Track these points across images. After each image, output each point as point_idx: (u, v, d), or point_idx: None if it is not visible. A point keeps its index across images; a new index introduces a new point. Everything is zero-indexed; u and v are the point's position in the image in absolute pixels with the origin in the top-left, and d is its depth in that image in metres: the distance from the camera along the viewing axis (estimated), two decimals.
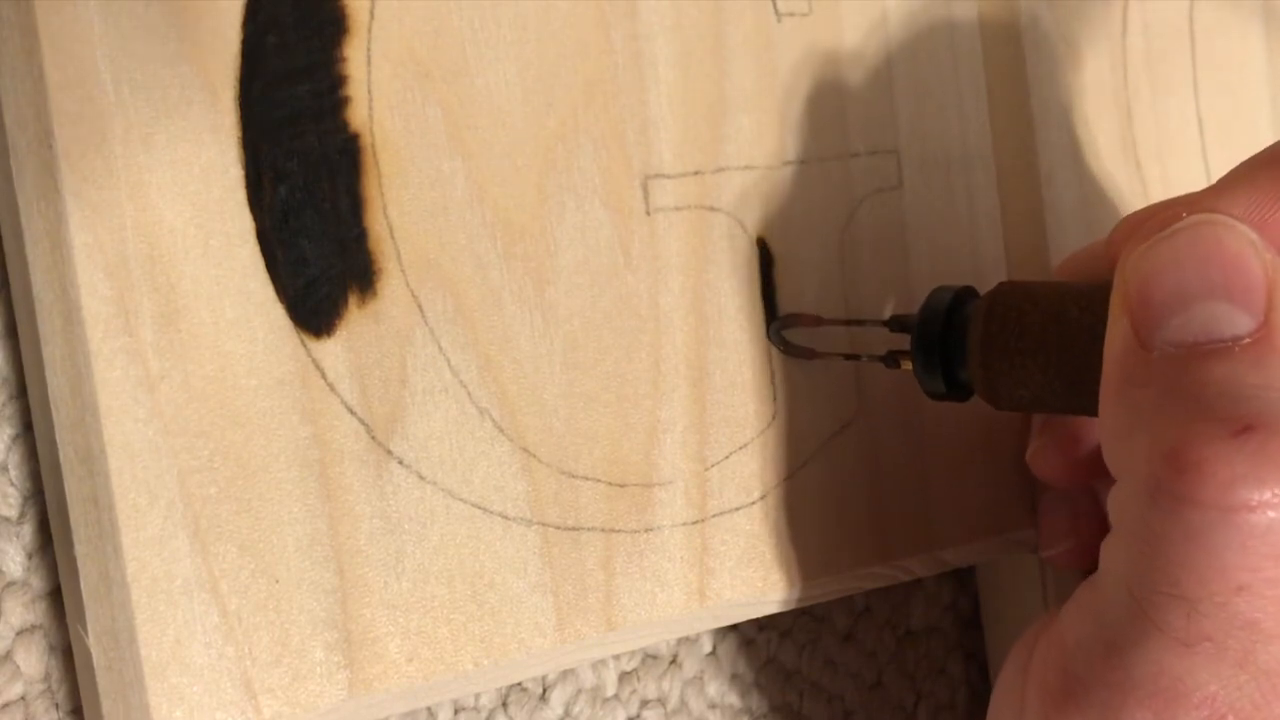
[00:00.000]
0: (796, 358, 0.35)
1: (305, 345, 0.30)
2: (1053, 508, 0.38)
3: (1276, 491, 0.26)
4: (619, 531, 0.33)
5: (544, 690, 0.36)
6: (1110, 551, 0.30)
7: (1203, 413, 0.27)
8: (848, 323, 0.36)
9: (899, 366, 0.35)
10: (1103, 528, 0.37)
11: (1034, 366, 0.32)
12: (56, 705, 0.31)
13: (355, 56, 0.31)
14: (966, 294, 0.34)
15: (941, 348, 0.34)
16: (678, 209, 0.34)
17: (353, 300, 0.31)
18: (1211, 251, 0.29)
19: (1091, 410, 0.31)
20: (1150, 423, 0.28)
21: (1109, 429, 0.29)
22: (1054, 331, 0.32)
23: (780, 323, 0.35)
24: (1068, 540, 0.38)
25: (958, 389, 0.34)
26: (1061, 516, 0.37)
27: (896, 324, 0.35)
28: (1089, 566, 0.38)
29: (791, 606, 0.36)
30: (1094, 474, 0.36)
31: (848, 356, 0.36)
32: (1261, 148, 0.34)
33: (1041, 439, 0.36)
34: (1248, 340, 0.28)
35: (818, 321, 0.36)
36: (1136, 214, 0.33)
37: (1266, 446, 0.27)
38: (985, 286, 0.39)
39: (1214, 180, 0.43)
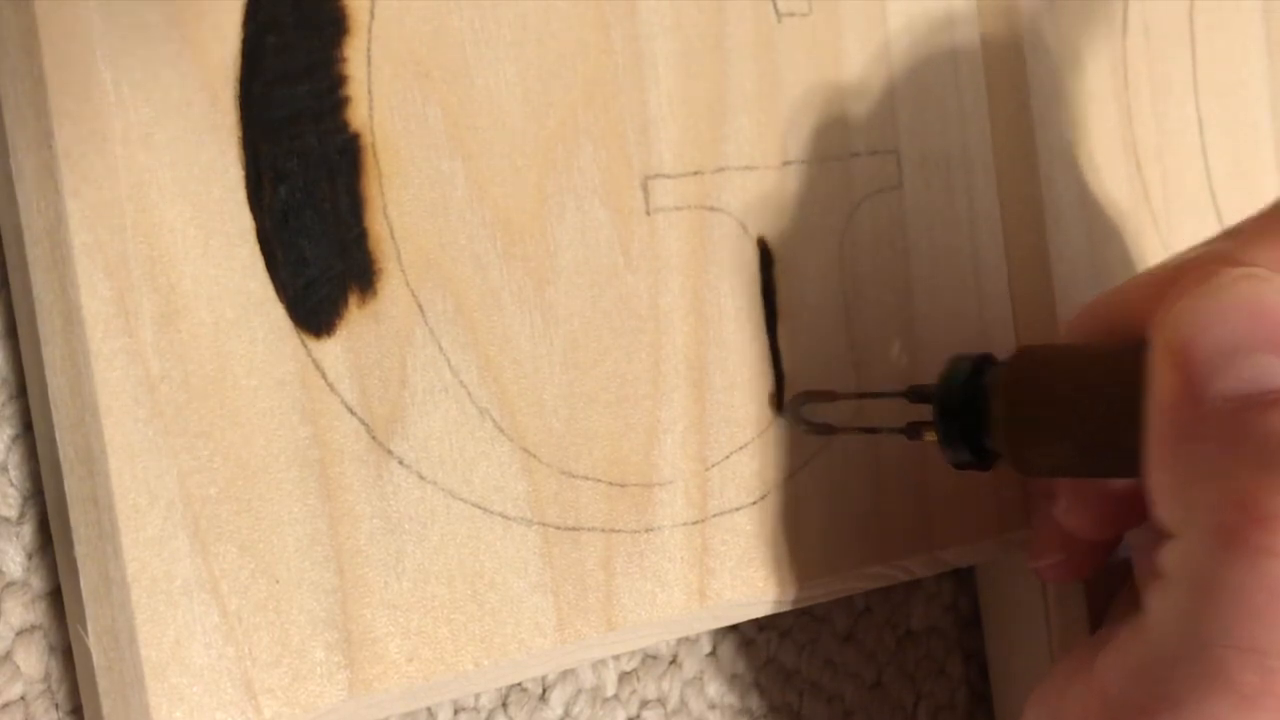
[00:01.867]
0: (815, 434, 0.35)
1: (305, 345, 0.30)
2: (1044, 520, 0.38)
3: None
4: (619, 531, 0.33)
5: (544, 690, 0.36)
6: (1163, 603, 0.29)
7: (1269, 463, 0.27)
8: (863, 396, 0.36)
9: (921, 438, 0.35)
10: (1093, 545, 0.37)
11: (1061, 434, 0.32)
12: (56, 705, 0.30)
13: (355, 56, 0.31)
14: (984, 361, 0.34)
15: (964, 419, 0.33)
16: (678, 209, 0.34)
17: (353, 300, 0.31)
18: (1256, 306, 0.28)
19: (1122, 471, 0.31)
20: (1214, 475, 0.28)
21: (1162, 484, 0.29)
22: (1081, 398, 0.32)
23: (797, 399, 0.35)
24: (1057, 554, 0.37)
25: (983, 457, 0.34)
26: (1052, 529, 0.37)
27: (915, 395, 0.35)
28: (1075, 579, 0.38)
29: (791, 606, 0.36)
30: (1124, 525, 0.35)
31: (867, 430, 0.35)
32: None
33: (1068, 498, 0.36)
34: None
35: (833, 397, 0.36)
36: (1158, 271, 0.33)
37: None
38: (985, 286, 0.39)
39: (1214, 180, 0.43)
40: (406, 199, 0.31)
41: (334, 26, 0.31)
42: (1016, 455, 0.32)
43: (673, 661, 0.38)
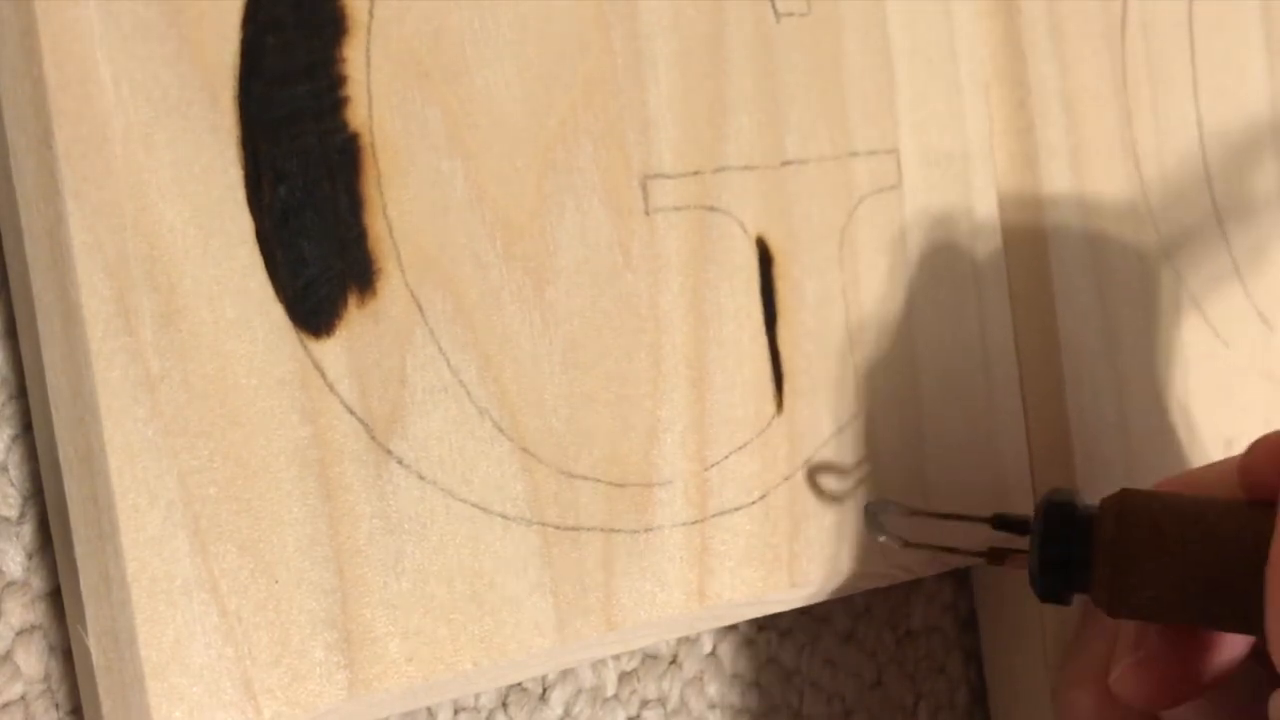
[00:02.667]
0: (894, 544, 0.35)
1: (305, 345, 0.30)
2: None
3: None
4: (619, 531, 0.33)
5: (544, 690, 0.36)
6: None
7: None
8: (945, 516, 0.36)
9: (1003, 564, 0.35)
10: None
11: (1166, 574, 0.32)
12: (56, 705, 0.31)
13: (355, 56, 0.31)
14: (1079, 498, 0.34)
15: (1065, 551, 0.33)
16: (678, 209, 0.34)
17: (352, 300, 0.31)
18: None
19: (1223, 622, 0.31)
20: None
21: None
22: (1192, 540, 0.32)
23: (876, 507, 0.36)
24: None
25: (1068, 592, 0.34)
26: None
27: (1000, 523, 0.35)
28: None
29: (791, 606, 0.36)
30: (1188, 695, 0.34)
31: (947, 550, 0.35)
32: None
33: (1135, 659, 0.35)
34: None
35: (911, 511, 0.36)
36: (1277, 437, 0.33)
37: None
38: (984, 286, 0.39)
39: (1213, 180, 0.43)
40: (406, 199, 0.31)
41: (334, 26, 0.31)
42: (1115, 588, 0.32)
43: (673, 661, 0.38)
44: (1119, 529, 0.32)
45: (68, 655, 0.31)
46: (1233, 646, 0.33)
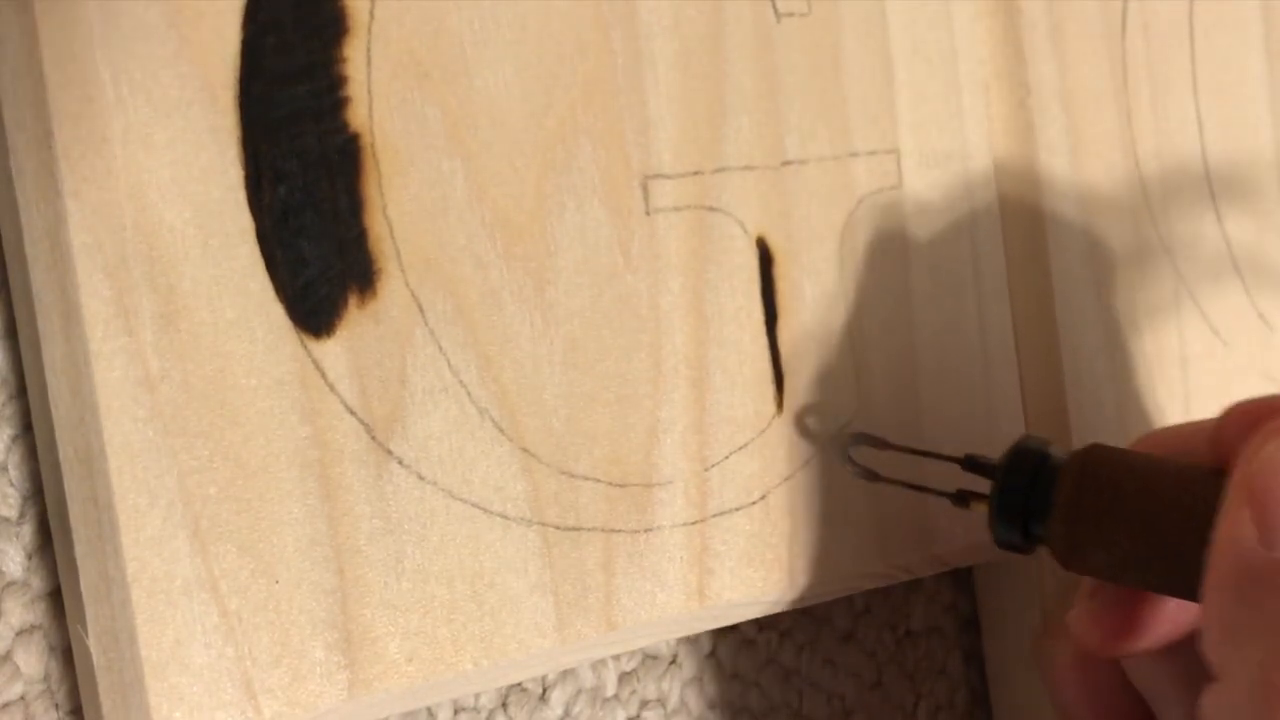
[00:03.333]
0: (862, 479, 0.35)
1: (305, 345, 0.30)
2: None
3: None
4: (619, 531, 0.33)
5: (544, 690, 0.36)
6: None
7: None
8: (916, 452, 0.36)
9: (967, 507, 0.34)
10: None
11: (1121, 533, 0.31)
12: (56, 705, 0.30)
13: (355, 57, 0.31)
14: (1051, 448, 0.34)
15: (1024, 501, 0.33)
16: (678, 209, 0.34)
17: (352, 300, 0.31)
18: None
19: (1172, 588, 0.31)
20: (1269, 631, 0.27)
21: (1218, 624, 0.29)
22: (1149, 502, 0.31)
23: (848, 440, 0.35)
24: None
25: (1029, 541, 0.34)
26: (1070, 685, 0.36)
27: (970, 464, 0.34)
28: None
29: (791, 606, 0.36)
30: (1132, 648, 0.34)
31: (915, 487, 0.35)
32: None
33: (1090, 605, 0.34)
34: None
35: (885, 445, 0.35)
36: (1253, 404, 0.32)
37: None
38: (985, 285, 0.39)
39: (1213, 180, 0.43)
40: (406, 199, 0.31)
41: (334, 26, 0.31)
42: (1068, 545, 0.32)
43: (673, 661, 0.38)
44: (1079, 485, 0.32)
45: (68, 655, 0.31)
46: (1190, 606, 0.33)
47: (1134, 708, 0.35)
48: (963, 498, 0.35)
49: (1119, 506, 0.31)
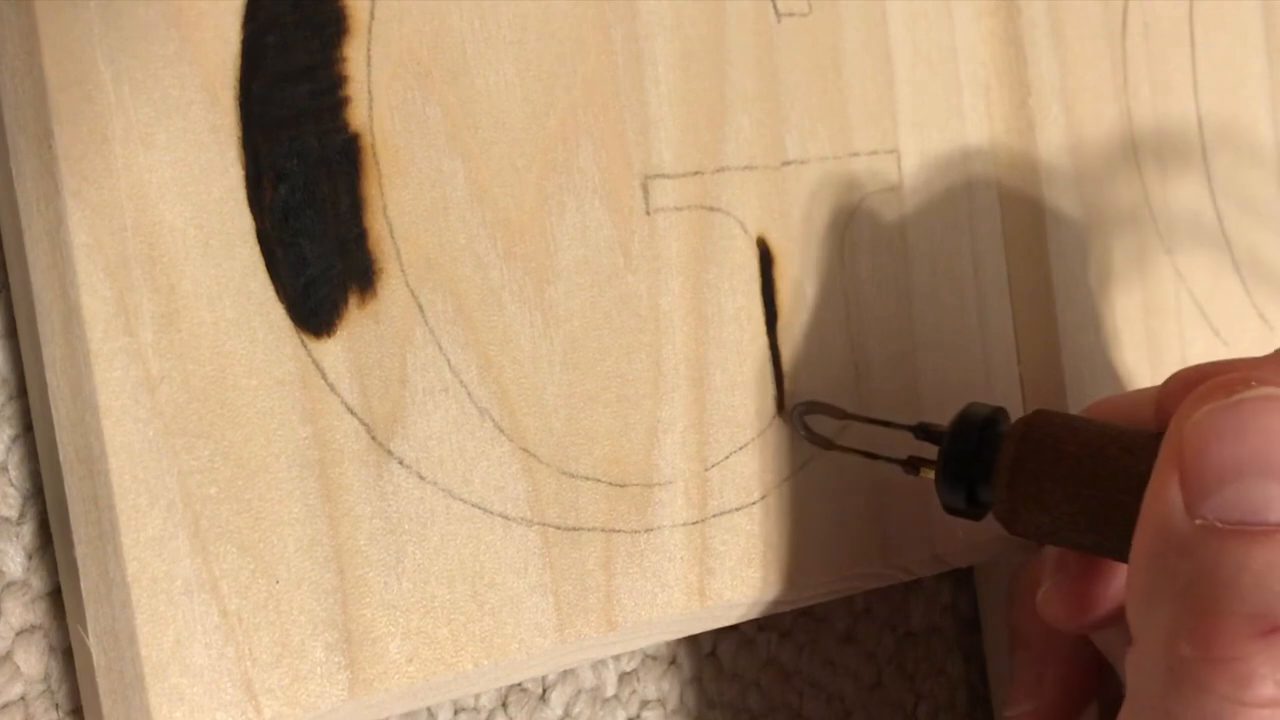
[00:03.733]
0: (812, 444, 0.35)
1: (305, 345, 0.30)
2: (1023, 667, 0.37)
3: None
4: (619, 531, 0.33)
5: (544, 690, 0.36)
6: (1125, 710, 0.29)
7: (1234, 603, 0.27)
8: (871, 421, 0.36)
9: (918, 474, 0.34)
10: (1065, 696, 0.37)
11: (1062, 495, 0.31)
12: (56, 705, 0.30)
13: (355, 57, 0.31)
14: (999, 414, 0.34)
15: (970, 463, 0.33)
16: (678, 209, 0.34)
17: (353, 300, 0.31)
18: (1274, 428, 0.28)
19: (1110, 551, 0.31)
20: (1180, 597, 0.27)
21: (1137, 587, 0.29)
22: (1091, 464, 0.31)
23: (802, 407, 0.35)
24: (1029, 703, 0.37)
25: (975, 507, 0.34)
26: (1028, 678, 0.37)
27: (922, 432, 0.34)
28: None
29: (791, 606, 0.36)
30: (1103, 623, 0.35)
31: (866, 454, 0.35)
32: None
33: (1053, 580, 0.35)
34: None
35: (840, 415, 0.35)
36: (1193, 370, 0.32)
37: None
38: (985, 285, 0.39)
39: (1214, 180, 0.43)
40: (406, 199, 0.31)
41: (334, 26, 0.31)
42: (1011, 509, 0.32)
43: (673, 662, 0.38)
44: (1022, 448, 0.32)
45: (68, 655, 0.31)
46: None
47: (1089, 663, 0.35)
48: (914, 465, 0.35)
49: (1059, 468, 0.32)
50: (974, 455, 0.33)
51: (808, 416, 0.35)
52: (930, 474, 0.34)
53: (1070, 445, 0.32)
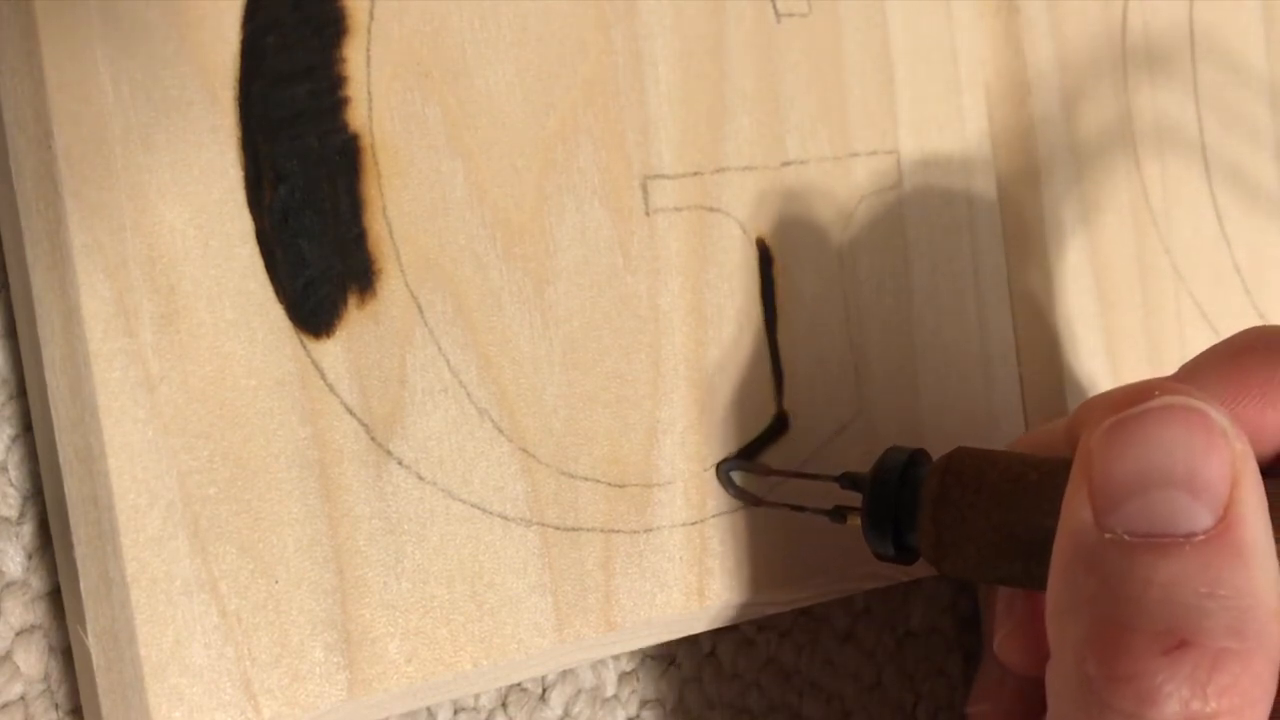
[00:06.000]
0: (743, 502, 0.35)
1: (305, 346, 0.30)
2: (988, 666, 0.37)
3: (1200, 710, 0.26)
4: (618, 532, 0.33)
5: (544, 690, 0.36)
6: None
7: (1140, 619, 0.26)
8: (797, 475, 0.35)
9: (845, 522, 0.34)
10: (1022, 702, 0.36)
11: (986, 525, 0.31)
12: (56, 705, 0.31)
13: (355, 57, 0.31)
14: (920, 456, 0.33)
15: (893, 508, 0.33)
16: (678, 209, 0.34)
17: (352, 300, 0.31)
18: (1180, 436, 0.27)
19: (1039, 580, 0.30)
20: (1088, 613, 0.27)
21: (1052, 601, 0.28)
22: (1011, 492, 0.31)
23: (730, 466, 0.35)
24: (987, 703, 0.37)
25: (904, 552, 0.33)
26: (991, 679, 0.37)
27: (847, 481, 0.34)
28: None
29: (791, 606, 0.36)
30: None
31: (794, 508, 0.35)
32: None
33: (1006, 626, 0.35)
34: (1201, 538, 0.27)
35: (767, 472, 0.35)
36: (1102, 395, 0.32)
37: (1198, 668, 0.26)
38: (985, 286, 0.39)
39: (1213, 180, 0.43)
40: (406, 199, 0.31)
41: (334, 27, 0.31)
42: (938, 545, 0.32)
43: (673, 662, 0.38)
44: (943, 485, 0.32)
45: (68, 655, 0.31)
46: None
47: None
48: (840, 513, 0.34)
49: (980, 498, 0.31)
50: (896, 498, 0.33)
51: (733, 473, 0.35)
52: (856, 521, 0.34)
53: (989, 478, 0.31)
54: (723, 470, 0.35)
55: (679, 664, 0.38)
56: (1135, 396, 0.28)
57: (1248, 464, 0.27)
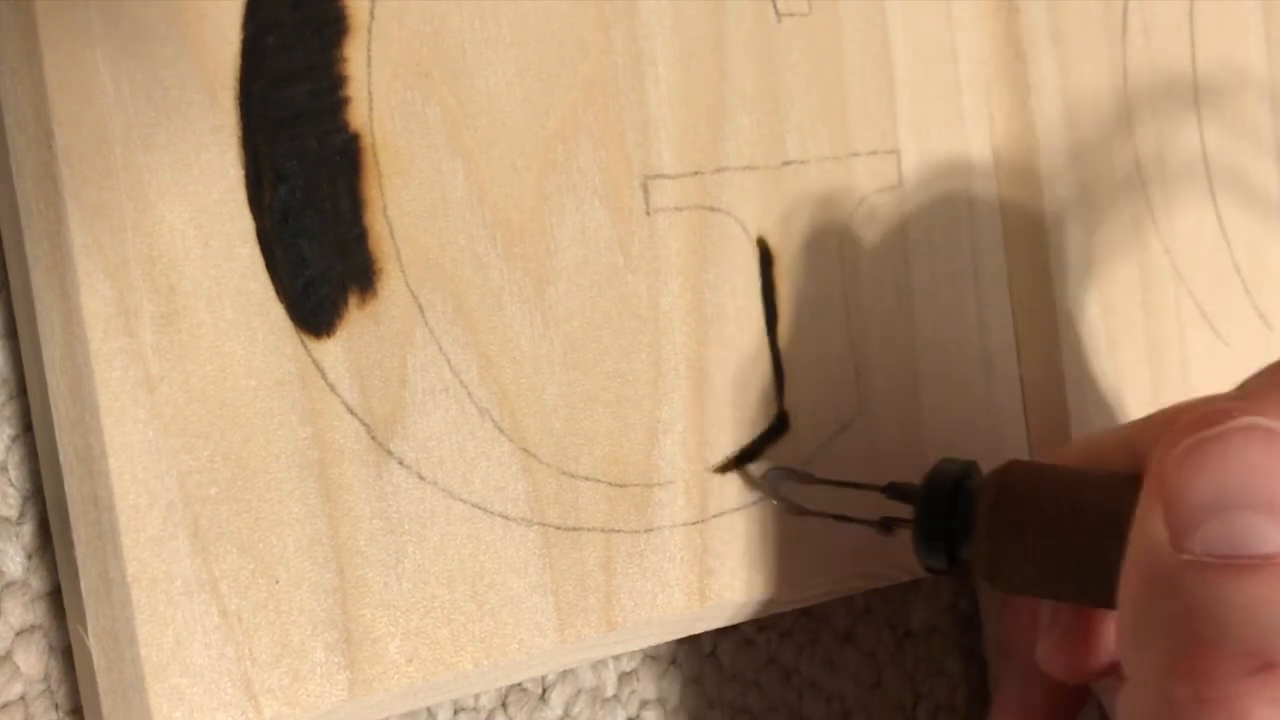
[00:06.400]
0: (789, 512, 0.35)
1: (305, 345, 0.30)
2: (1008, 680, 0.37)
3: None
4: (619, 532, 0.33)
5: (544, 690, 0.36)
6: None
7: (1225, 641, 0.26)
8: (841, 484, 0.35)
9: (892, 534, 0.34)
10: (1049, 715, 0.36)
11: (1043, 545, 0.31)
12: (56, 705, 0.31)
13: (355, 57, 0.31)
14: (970, 469, 0.33)
15: (947, 521, 0.33)
16: (678, 209, 0.34)
17: (352, 300, 0.31)
18: (1259, 459, 0.27)
19: (1096, 599, 0.30)
20: (1170, 635, 0.27)
21: (1127, 625, 0.28)
22: (1070, 511, 0.31)
23: (775, 474, 0.35)
24: (1010, 717, 0.37)
25: (956, 565, 0.33)
26: (1013, 693, 0.37)
27: (893, 491, 0.34)
28: None
29: (791, 606, 0.36)
30: (1103, 673, 0.34)
31: (840, 518, 0.35)
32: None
33: (1052, 635, 0.35)
34: None
35: (809, 479, 0.35)
36: (1168, 411, 0.32)
37: None
38: (985, 285, 0.39)
39: (1214, 180, 0.43)
40: (406, 199, 0.31)
41: (334, 27, 0.31)
42: (992, 561, 0.32)
43: (673, 662, 0.38)
44: (998, 501, 0.32)
45: (68, 655, 0.31)
46: None
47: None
48: (888, 525, 0.34)
49: (1038, 518, 0.31)
50: (950, 513, 0.33)
51: (781, 483, 0.35)
52: (906, 533, 0.34)
53: (1047, 494, 0.31)
54: (770, 479, 0.35)
55: (679, 664, 0.38)
56: (1211, 417, 0.28)
57: None
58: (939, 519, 0.33)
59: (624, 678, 0.37)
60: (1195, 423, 0.28)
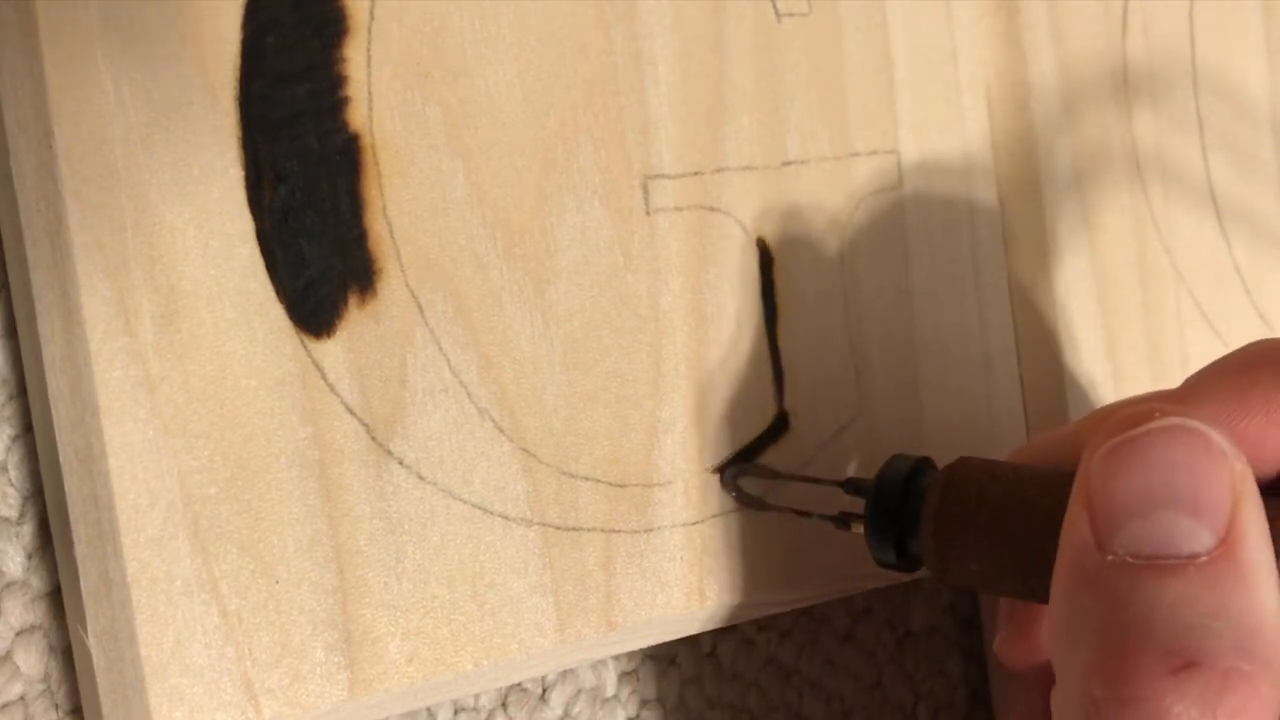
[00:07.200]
0: (747, 507, 0.35)
1: (305, 345, 0.30)
2: (1010, 691, 0.37)
3: None
4: (619, 532, 0.33)
5: (544, 690, 0.36)
6: None
7: (1147, 640, 0.26)
8: (803, 479, 0.35)
9: (849, 529, 0.34)
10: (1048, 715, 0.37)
11: (987, 541, 0.31)
12: (56, 705, 0.31)
13: (355, 57, 0.31)
14: (924, 464, 0.33)
15: (896, 517, 0.33)
16: (678, 209, 0.34)
17: (352, 300, 0.31)
18: (1181, 458, 0.27)
19: (1039, 596, 0.30)
20: (1094, 634, 0.27)
21: (1055, 624, 0.28)
22: (1012, 508, 0.31)
23: (735, 470, 0.35)
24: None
25: (907, 560, 0.33)
26: (1014, 700, 0.37)
27: (851, 486, 0.34)
28: None
29: (791, 606, 0.36)
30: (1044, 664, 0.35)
31: (799, 513, 0.35)
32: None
33: (1007, 628, 0.35)
34: (1204, 559, 0.27)
35: (772, 475, 0.35)
36: (1109, 407, 0.32)
37: (1207, 689, 0.26)
38: (985, 286, 0.39)
39: (1214, 180, 0.43)
40: (406, 199, 0.31)
41: (334, 26, 0.31)
42: (940, 559, 0.32)
43: (673, 662, 0.38)
44: (944, 497, 0.32)
45: (68, 655, 0.31)
46: None
47: None
48: (844, 520, 0.34)
49: (982, 514, 0.31)
50: (899, 508, 0.33)
51: (740, 479, 0.35)
52: (859, 528, 0.34)
53: (991, 491, 0.31)
54: (726, 475, 0.35)
55: (679, 664, 0.38)
56: (1136, 417, 0.28)
57: (1248, 484, 0.27)
58: (888, 514, 0.33)
59: (624, 678, 0.37)
60: (1120, 423, 0.28)
